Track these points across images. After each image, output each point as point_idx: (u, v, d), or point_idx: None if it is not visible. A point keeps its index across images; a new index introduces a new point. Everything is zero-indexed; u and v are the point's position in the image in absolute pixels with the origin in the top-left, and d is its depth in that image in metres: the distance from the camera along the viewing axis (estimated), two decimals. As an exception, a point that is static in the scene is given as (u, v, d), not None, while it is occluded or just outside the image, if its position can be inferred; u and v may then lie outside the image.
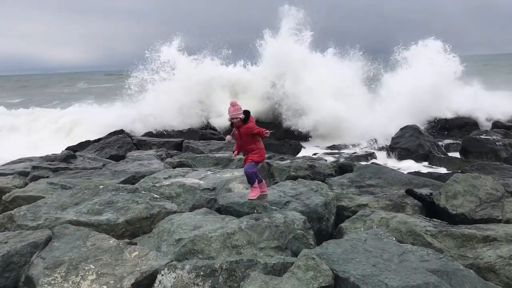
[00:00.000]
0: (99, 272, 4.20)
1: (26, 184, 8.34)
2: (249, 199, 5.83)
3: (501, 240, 4.77)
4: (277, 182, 7.61)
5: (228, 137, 5.85)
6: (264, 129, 5.58)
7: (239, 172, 8.16)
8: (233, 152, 6.10)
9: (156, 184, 7.22)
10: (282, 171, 8.53)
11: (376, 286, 3.70)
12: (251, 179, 5.80)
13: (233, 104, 5.56)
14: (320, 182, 7.08)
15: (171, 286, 3.99)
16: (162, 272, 4.10)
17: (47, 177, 8.72)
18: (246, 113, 5.61)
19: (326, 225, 5.89)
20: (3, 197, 7.12)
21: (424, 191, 6.83)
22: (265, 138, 5.71)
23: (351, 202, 6.61)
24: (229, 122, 5.78)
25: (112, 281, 4.06)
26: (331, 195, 6.36)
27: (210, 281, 4.02)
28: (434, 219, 5.67)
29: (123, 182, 7.91)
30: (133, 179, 8.32)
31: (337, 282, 3.93)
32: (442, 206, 6.13)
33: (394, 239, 4.78)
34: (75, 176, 8.66)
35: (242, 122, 5.62)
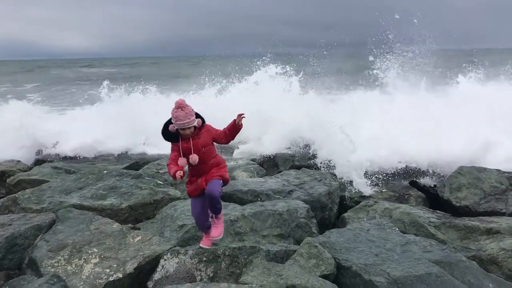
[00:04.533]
0: (102, 256, 4.22)
1: (30, 168, 8.38)
2: (202, 246, 4.14)
3: (504, 233, 4.76)
4: (281, 171, 7.61)
5: (179, 174, 3.71)
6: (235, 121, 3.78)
7: (243, 161, 8.16)
8: (176, 176, 3.72)
9: (160, 171, 7.23)
10: (286, 160, 8.54)
11: (378, 275, 3.70)
12: (217, 205, 4.02)
13: (181, 106, 3.67)
14: (324, 172, 7.09)
15: (174, 271, 4.01)
16: (165, 257, 4.11)
17: (51, 161, 8.75)
18: (199, 116, 3.87)
19: (329, 215, 5.89)
20: (8, 180, 7.17)
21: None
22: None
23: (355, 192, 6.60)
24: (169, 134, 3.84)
25: (115, 265, 4.07)
26: (334, 185, 6.35)
27: (212, 267, 4.03)
28: (437, 211, 5.66)
29: (127, 167, 7.95)
30: (137, 165, 8.35)
31: (339, 271, 3.94)
32: (446, 198, 6.12)
33: (397, 229, 4.77)
34: (79, 161, 8.68)
35: (196, 129, 3.87)
